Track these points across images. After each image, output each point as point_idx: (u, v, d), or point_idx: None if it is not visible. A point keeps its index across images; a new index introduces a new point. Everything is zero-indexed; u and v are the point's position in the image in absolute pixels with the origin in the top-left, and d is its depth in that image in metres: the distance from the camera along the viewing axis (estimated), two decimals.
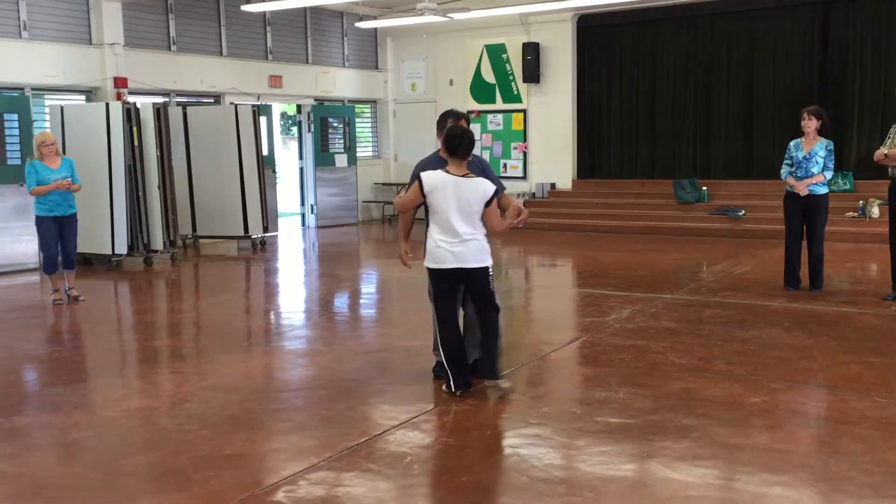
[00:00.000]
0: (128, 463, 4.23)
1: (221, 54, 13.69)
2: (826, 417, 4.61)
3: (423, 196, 5.02)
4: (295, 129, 30.22)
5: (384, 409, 5.01)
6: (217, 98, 13.67)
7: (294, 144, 30.20)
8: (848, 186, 12.67)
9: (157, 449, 4.40)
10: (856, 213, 12.08)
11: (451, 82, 16.24)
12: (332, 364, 6.01)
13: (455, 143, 4.98)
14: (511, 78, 15.54)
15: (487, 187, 5.02)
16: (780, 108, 13.69)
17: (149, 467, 4.19)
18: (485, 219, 5.04)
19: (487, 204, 5.00)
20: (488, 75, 15.79)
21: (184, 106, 12.76)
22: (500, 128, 15.76)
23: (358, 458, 4.20)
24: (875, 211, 11.90)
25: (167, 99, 12.88)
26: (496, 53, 15.65)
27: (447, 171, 5.01)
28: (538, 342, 6.52)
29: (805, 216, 7.99)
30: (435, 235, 5.06)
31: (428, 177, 5.01)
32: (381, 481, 3.94)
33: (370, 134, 17.23)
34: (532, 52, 15.00)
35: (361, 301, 9.21)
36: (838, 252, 10.32)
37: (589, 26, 15.09)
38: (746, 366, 5.64)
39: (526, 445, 4.36)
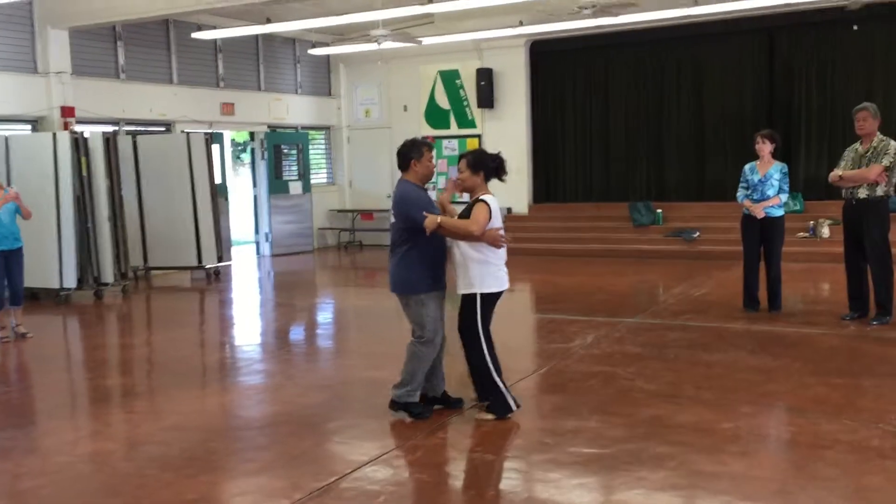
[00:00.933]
0: None
1: (172, 82, 13.46)
2: (798, 442, 4.60)
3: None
4: (244, 156, 29.93)
5: (353, 445, 4.87)
6: (168, 126, 13.41)
7: (244, 171, 29.87)
8: (798, 207, 12.91)
9: (116, 496, 4.19)
10: (807, 234, 12.30)
11: (405, 108, 16.20)
12: (295, 398, 5.84)
13: (503, 166, 5.22)
14: (465, 103, 15.58)
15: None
16: (730, 131, 13.95)
17: None
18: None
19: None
20: (442, 101, 15.80)
21: (133, 134, 12.48)
22: (455, 153, 15.72)
23: (329, 499, 4.05)
24: (826, 231, 12.14)
25: (116, 128, 12.59)
26: (450, 79, 15.69)
27: (491, 196, 5.11)
28: (505, 370, 6.40)
29: (762, 238, 8.09)
30: (494, 261, 5.12)
31: (492, 201, 5.07)
32: None
33: (324, 160, 17.09)
34: (486, 78, 15.07)
35: (320, 332, 9.04)
36: (792, 272, 10.44)
37: (542, 52, 15.22)
38: (714, 390, 5.63)
39: (502, 480, 4.26)
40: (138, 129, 13.11)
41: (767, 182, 8.01)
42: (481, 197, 5.11)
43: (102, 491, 4.30)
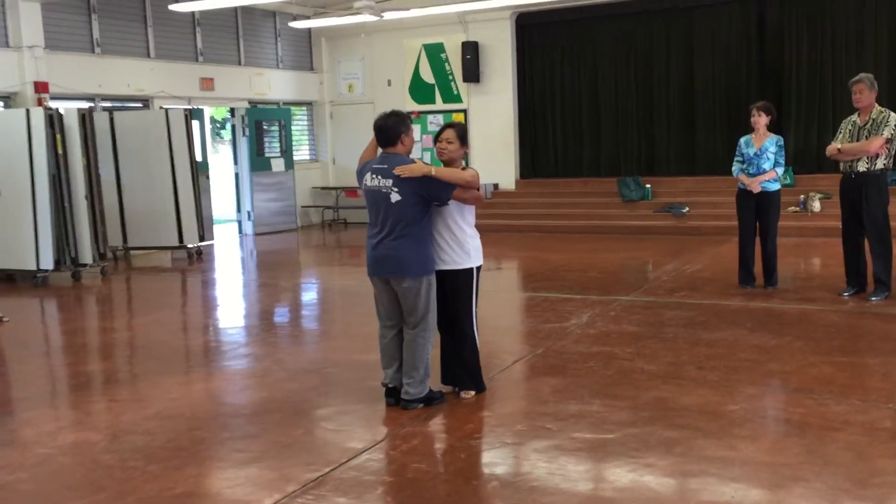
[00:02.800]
0: None
1: (149, 56, 13.07)
2: (809, 424, 4.45)
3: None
4: (224, 134, 29.46)
5: (346, 433, 4.68)
6: (146, 102, 13.05)
7: (223, 149, 29.44)
8: (788, 181, 12.77)
9: (100, 490, 3.97)
10: (797, 208, 12.19)
11: (389, 83, 15.89)
12: (283, 384, 5.63)
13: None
14: (450, 78, 15.29)
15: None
16: (721, 103, 13.79)
17: None
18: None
19: None
20: (427, 75, 15.50)
21: (110, 111, 12.12)
22: None
23: (325, 491, 3.86)
24: (816, 205, 12.03)
25: (92, 104, 12.22)
26: (435, 53, 15.38)
27: None
28: (500, 352, 6.24)
29: (757, 213, 7.94)
30: (475, 233, 5.05)
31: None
32: None
33: (307, 137, 16.76)
34: (471, 52, 14.78)
35: (306, 313, 8.82)
36: (784, 247, 10.21)
37: (528, 24, 14.94)
38: (717, 370, 5.48)
39: (504, 469, 4.09)
40: (115, 105, 12.76)
41: (763, 156, 7.84)
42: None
43: (85, 485, 4.07)
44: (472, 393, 5.10)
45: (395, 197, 4.76)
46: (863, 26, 12.83)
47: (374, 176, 4.85)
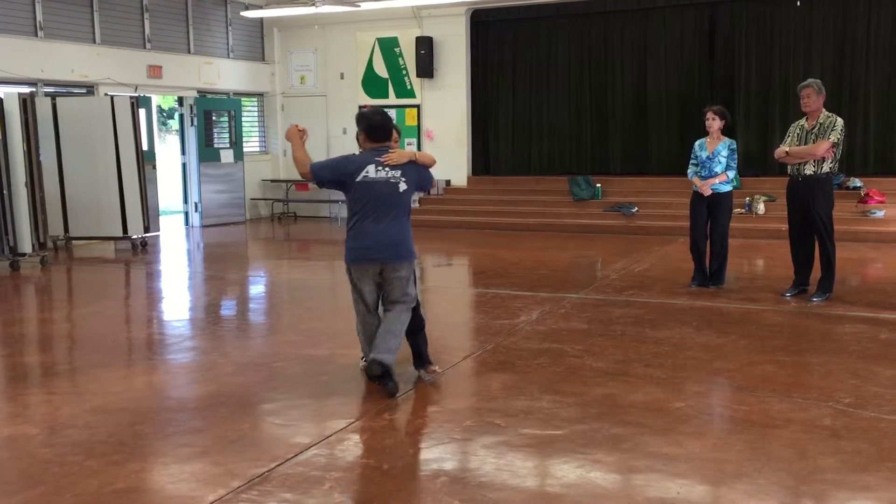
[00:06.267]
0: None
1: (94, 42, 12.74)
2: (752, 421, 4.52)
3: None
4: (171, 123, 28.91)
5: (293, 427, 4.61)
6: (90, 89, 12.72)
7: (170, 138, 28.87)
8: (735, 184, 12.96)
9: (37, 486, 3.85)
10: (743, 210, 12.42)
11: (342, 76, 15.77)
12: (231, 378, 5.53)
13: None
14: (404, 72, 15.22)
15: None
16: (672, 106, 13.98)
17: None
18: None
19: None
20: (381, 69, 15.41)
21: (53, 97, 11.79)
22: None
23: (271, 487, 3.79)
24: (761, 207, 12.28)
25: (34, 89, 11.87)
26: (388, 47, 15.30)
27: None
28: (450, 348, 6.22)
29: (709, 214, 8.09)
30: None
31: None
32: None
33: (257, 128, 16.53)
34: (426, 47, 14.74)
35: (254, 306, 8.69)
36: (730, 248, 10.49)
37: (483, 21, 14.95)
38: (664, 368, 5.54)
39: (453, 465, 4.07)
40: (58, 90, 12.40)
41: (715, 159, 8.00)
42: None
43: (21, 480, 3.94)
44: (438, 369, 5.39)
45: (402, 186, 5.06)
46: (810, 34, 13.12)
47: (378, 168, 5.03)
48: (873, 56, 12.83)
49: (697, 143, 8.17)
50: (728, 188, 8.08)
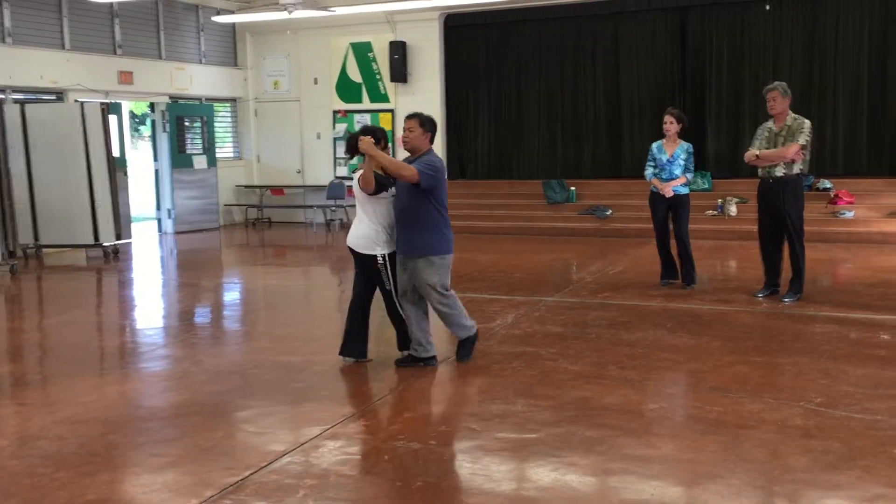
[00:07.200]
0: None
1: (64, 47, 12.60)
2: (724, 422, 4.56)
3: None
4: (143, 129, 28.68)
5: (267, 435, 4.58)
6: (60, 95, 12.57)
7: (143, 144, 28.60)
8: (707, 186, 13.14)
9: (7, 498, 3.79)
10: (715, 212, 12.53)
11: (315, 81, 15.70)
12: (204, 386, 5.49)
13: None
14: (378, 77, 15.20)
15: (356, 176, 5.63)
16: (645, 109, 14.08)
17: None
18: (366, 187, 5.45)
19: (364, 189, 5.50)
20: (354, 74, 15.38)
21: (22, 103, 11.63)
22: None
23: (245, 495, 3.77)
24: (733, 209, 12.39)
25: (2, 96, 11.71)
26: (362, 52, 15.27)
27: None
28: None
29: (670, 215, 8.21)
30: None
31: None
32: None
33: (230, 134, 16.43)
34: (399, 51, 14.72)
35: (228, 313, 8.63)
36: (702, 250, 10.57)
37: (456, 26, 14.97)
38: (638, 370, 5.58)
39: (428, 471, 4.06)
40: (27, 97, 12.24)
41: (675, 162, 8.15)
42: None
43: None
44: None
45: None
46: (780, 37, 13.29)
47: None
48: (841, 59, 13.02)
49: (655, 145, 8.30)
50: (686, 190, 8.25)
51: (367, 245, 5.59)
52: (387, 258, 5.61)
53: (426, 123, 5.61)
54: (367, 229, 5.59)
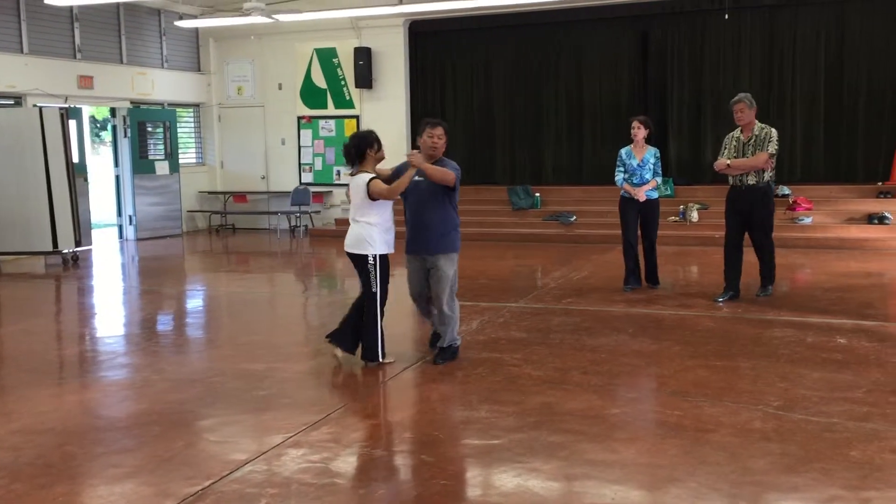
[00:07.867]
0: None
1: (22, 51, 12.40)
2: (685, 426, 4.61)
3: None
4: (104, 134, 28.27)
5: (229, 444, 4.54)
6: (18, 99, 12.36)
7: (104, 150, 28.17)
8: (669, 192, 13.29)
9: None
10: (677, 218, 12.68)
11: (279, 86, 15.64)
12: (165, 395, 5.43)
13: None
14: (343, 83, 15.17)
15: (361, 181, 5.79)
16: (608, 116, 14.20)
17: None
18: (376, 195, 5.72)
19: (369, 192, 5.72)
20: (319, 80, 15.33)
21: None
22: (333, 134, 15.35)
23: None
24: (695, 215, 12.55)
25: None
26: (327, 58, 15.23)
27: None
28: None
29: (641, 219, 8.31)
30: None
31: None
32: None
33: (194, 139, 16.28)
34: (364, 57, 14.72)
35: (190, 321, 8.54)
36: (663, 255, 10.61)
37: (421, 32, 15.00)
38: (601, 375, 5.62)
39: (391, 478, 4.05)
40: None
41: (645, 166, 8.24)
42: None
43: None
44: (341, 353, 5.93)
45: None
46: (739, 46, 13.50)
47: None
48: (798, 67, 13.27)
49: (624, 151, 8.40)
50: (657, 195, 8.39)
51: (360, 245, 5.82)
52: (377, 259, 5.77)
53: (446, 132, 6.01)
54: (361, 230, 5.81)
